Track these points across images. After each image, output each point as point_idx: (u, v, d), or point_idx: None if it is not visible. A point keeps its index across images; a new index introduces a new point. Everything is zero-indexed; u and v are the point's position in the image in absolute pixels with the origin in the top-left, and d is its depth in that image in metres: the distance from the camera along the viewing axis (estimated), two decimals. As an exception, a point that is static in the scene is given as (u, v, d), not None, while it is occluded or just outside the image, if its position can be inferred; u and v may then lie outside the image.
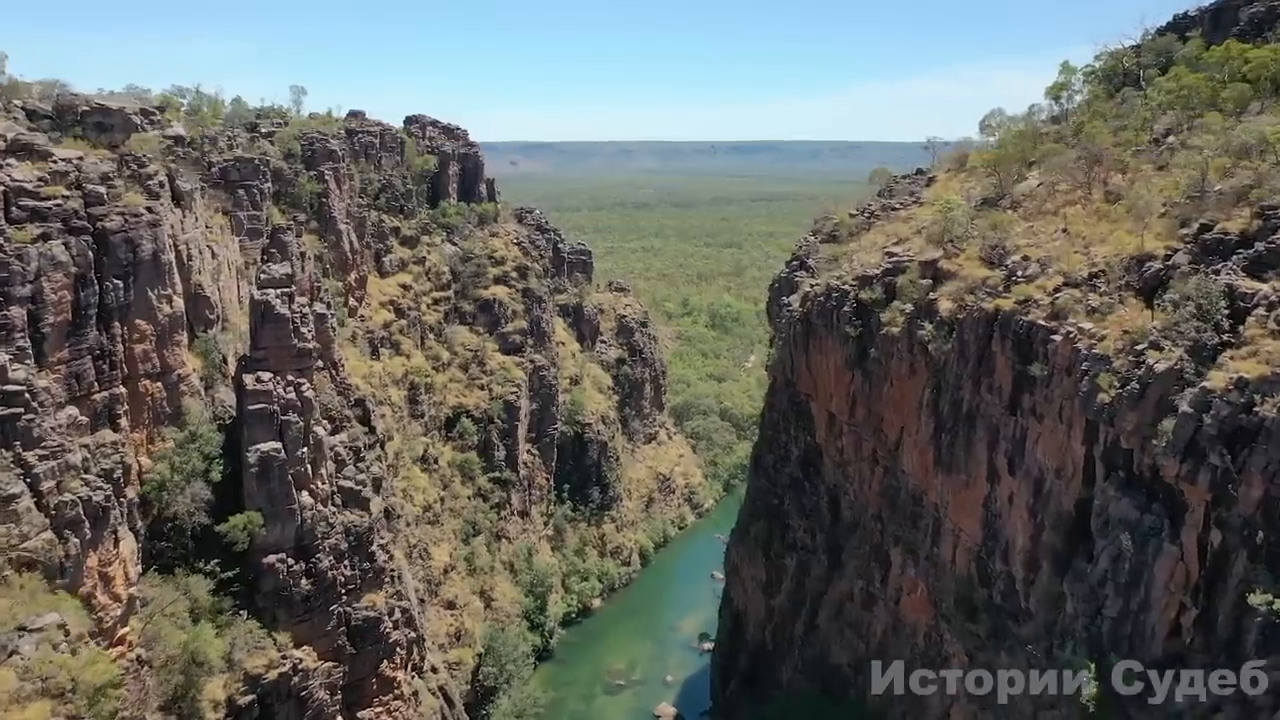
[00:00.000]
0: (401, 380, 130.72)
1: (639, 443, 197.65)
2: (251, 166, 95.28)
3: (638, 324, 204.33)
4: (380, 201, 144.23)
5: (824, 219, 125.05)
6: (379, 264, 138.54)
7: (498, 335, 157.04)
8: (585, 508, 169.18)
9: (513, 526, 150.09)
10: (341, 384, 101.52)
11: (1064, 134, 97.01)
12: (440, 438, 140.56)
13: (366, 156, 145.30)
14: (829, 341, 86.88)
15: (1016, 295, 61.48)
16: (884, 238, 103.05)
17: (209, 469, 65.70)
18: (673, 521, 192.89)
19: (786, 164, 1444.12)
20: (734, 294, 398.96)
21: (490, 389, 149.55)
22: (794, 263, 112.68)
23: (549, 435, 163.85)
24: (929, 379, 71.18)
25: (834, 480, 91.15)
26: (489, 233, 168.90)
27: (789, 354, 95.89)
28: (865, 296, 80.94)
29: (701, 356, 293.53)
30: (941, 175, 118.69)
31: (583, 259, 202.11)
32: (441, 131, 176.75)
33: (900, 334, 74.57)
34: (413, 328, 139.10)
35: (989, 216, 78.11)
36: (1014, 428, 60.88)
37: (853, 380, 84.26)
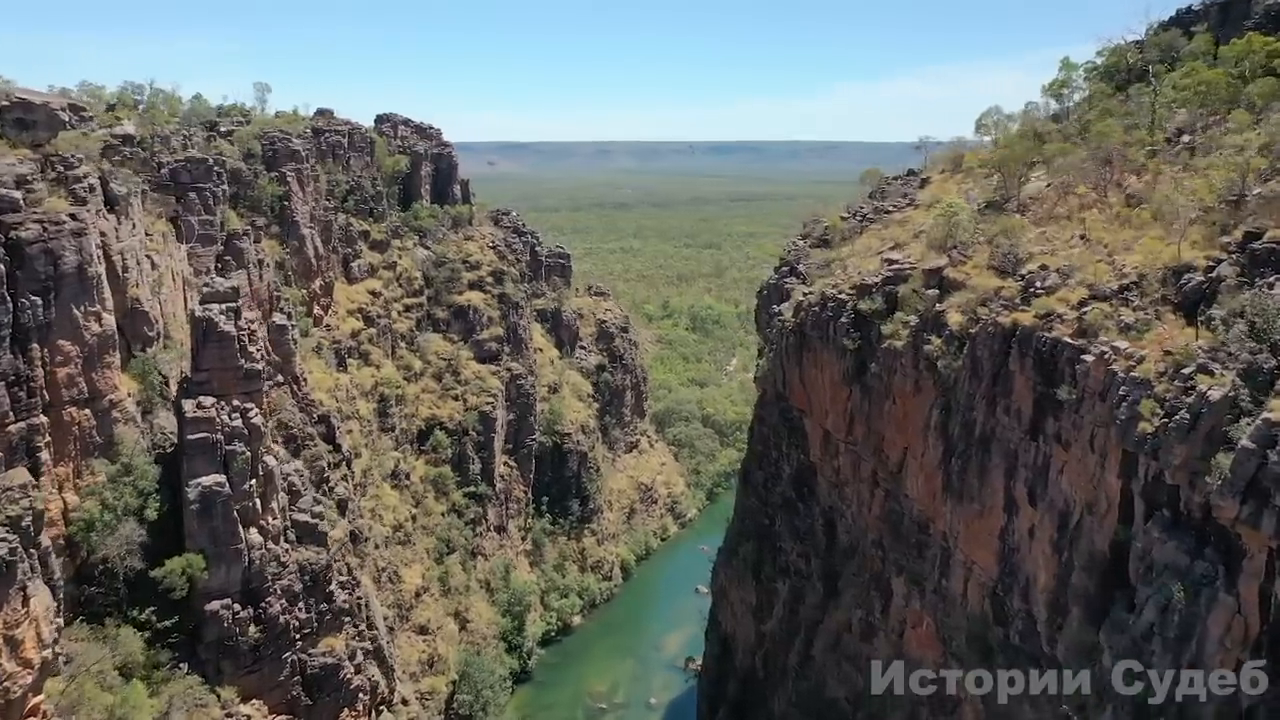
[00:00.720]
0: (371, 392, 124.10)
1: (620, 452, 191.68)
2: (204, 167, 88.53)
3: (618, 329, 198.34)
4: (348, 204, 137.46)
5: (813, 222, 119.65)
6: (347, 270, 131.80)
7: (473, 343, 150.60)
8: (565, 521, 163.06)
9: (489, 543, 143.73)
10: (304, 400, 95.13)
11: (1067, 133, 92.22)
12: (412, 452, 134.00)
13: (334, 157, 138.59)
14: (824, 354, 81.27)
15: (1037, 309, 55.94)
16: (878, 242, 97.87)
17: (144, 506, 59.01)
18: (655, 533, 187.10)
19: (765, 164, 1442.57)
20: (714, 295, 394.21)
21: (465, 399, 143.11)
22: (783, 268, 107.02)
23: (527, 446, 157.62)
24: (937, 398, 65.63)
25: (830, 502, 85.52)
26: (463, 236, 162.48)
27: (780, 366, 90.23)
28: (864, 307, 75.35)
29: (683, 360, 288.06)
30: (935, 176, 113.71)
31: (561, 262, 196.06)
32: (414, 131, 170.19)
33: (904, 348, 69.01)
34: (383, 336, 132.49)
35: (997, 221, 72.77)
36: (1035, 455, 55.36)
37: (850, 396, 78.69)
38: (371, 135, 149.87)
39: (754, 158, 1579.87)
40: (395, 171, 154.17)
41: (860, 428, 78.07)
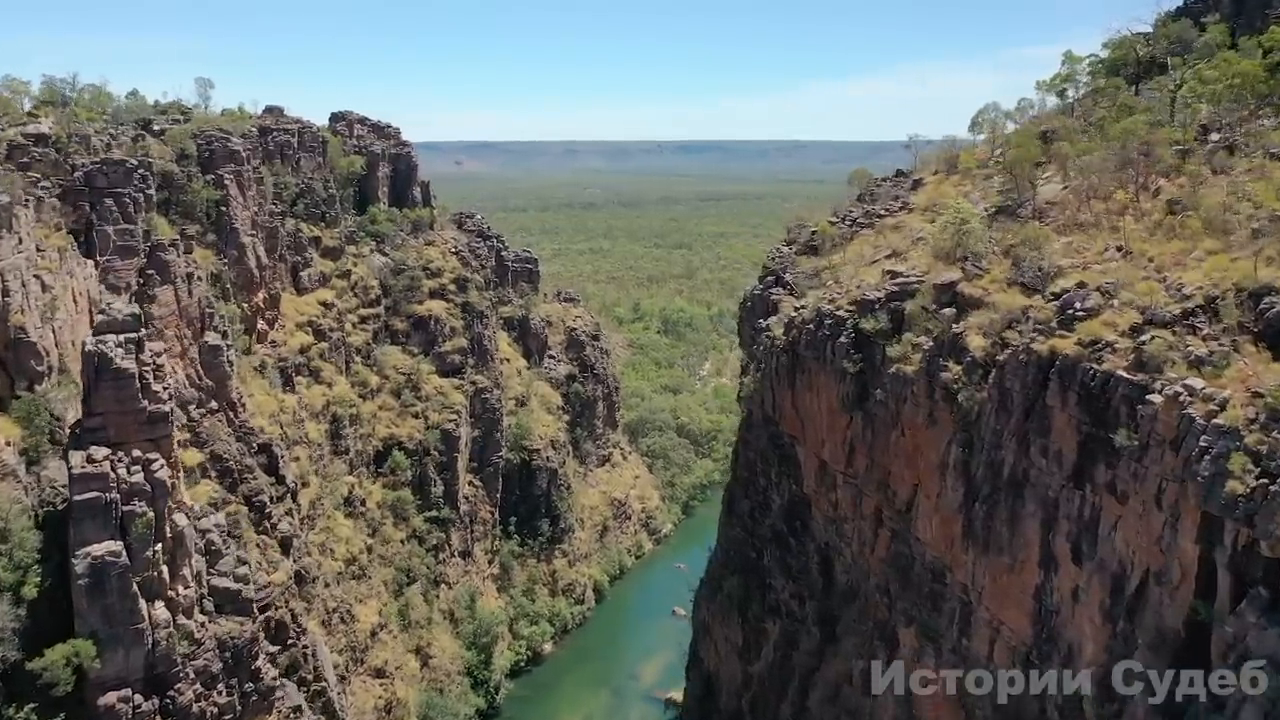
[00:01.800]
0: (322, 413, 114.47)
1: (592, 465, 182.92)
2: (123, 170, 78.75)
3: (589, 337, 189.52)
4: (298, 208, 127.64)
5: (798, 226, 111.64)
6: (296, 279, 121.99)
7: (434, 355, 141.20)
8: (534, 542, 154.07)
9: (453, 570, 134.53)
10: (241, 428, 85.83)
11: (1073, 130, 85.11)
12: (368, 475, 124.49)
13: (282, 158, 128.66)
14: (820, 377, 73.21)
15: (1081, 335, 48.10)
16: (871, 249, 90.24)
17: (21, 582, 49.49)
18: (629, 550, 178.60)
19: (733, 163, 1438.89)
20: (686, 297, 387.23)
21: (426, 417, 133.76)
22: (768, 277, 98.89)
23: (493, 464, 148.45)
24: (956, 432, 57.73)
25: (826, 538, 77.51)
26: (424, 241, 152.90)
27: (769, 388, 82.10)
28: (867, 326, 67.34)
29: (655, 366, 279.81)
30: (929, 178, 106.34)
31: (528, 267, 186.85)
32: (371, 130, 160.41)
33: (916, 374, 61.10)
34: (335, 351, 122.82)
35: (1014, 230, 65.11)
36: (1080, 505, 47.55)
37: (851, 424, 70.70)
38: (324, 134, 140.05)
39: (722, 157, 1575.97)
40: (350, 173, 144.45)
41: (862, 459, 70.11)
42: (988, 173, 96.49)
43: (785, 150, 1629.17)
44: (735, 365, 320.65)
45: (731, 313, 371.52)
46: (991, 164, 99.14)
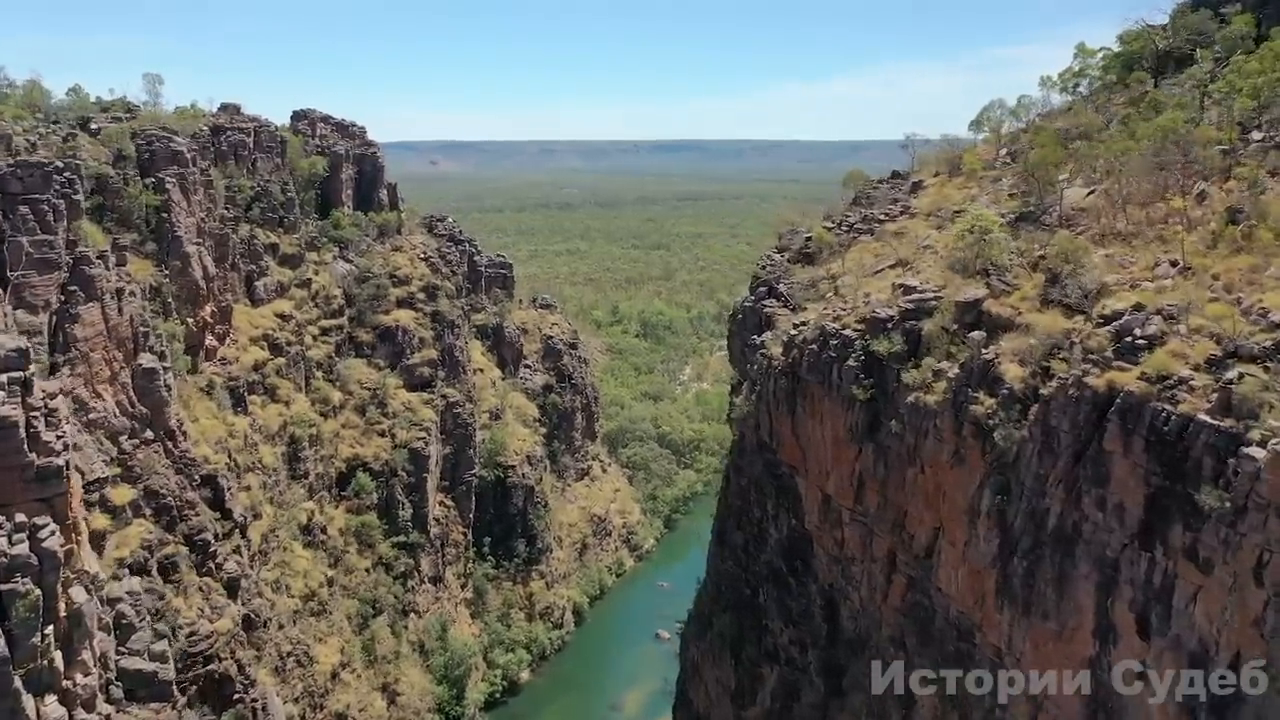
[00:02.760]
0: (278, 434, 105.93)
1: (570, 480, 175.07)
2: (41, 174, 70.07)
3: (566, 345, 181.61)
4: (253, 213, 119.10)
5: (790, 232, 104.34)
6: (250, 290, 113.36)
7: (402, 369, 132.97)
8: (509, 564, 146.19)
9: (423, 598, 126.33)
10: (181, 459, 77.41)
11: (1099, 128, 78.56)
12: (330, 499, 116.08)
13: (236, 159, 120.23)
14: (825, 403, 65.79)
15: (1147, 368, 40.90)
16: (872, 258, 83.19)
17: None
18: (609, 568, 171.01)
19: (709, 163, 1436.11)
20: (665, 299, 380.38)
21: (393, 435, 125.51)
22: (760, 288, 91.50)
23: (465, 483, 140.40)
24: (988, 474, 50.43)
25: (830, 579, 70.09)
26: (391, 246, 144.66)
27: (766, 413, 74.60)
28: (879, 349, 59.96)
29: (634, 372, 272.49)
30: (930, 180, 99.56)
31: (502, 273, 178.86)
32: (335, 129, 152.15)
33: (940, 406, 53.77)
34: (293, 367, 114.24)
35: (1048, 240, 58.02)
36: (1149, 569, 40.34)
37: (860, 456, 63.35)
38: (283, 134, 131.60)
39: (698, 156, 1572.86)
40: (312, 175, 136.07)
41: (873, 496, 62.76)
42: (995, 174, 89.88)
43: (761, 150, 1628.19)
44: (716, 369, 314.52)
45: (711, 315, 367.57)
46: (998, 165, 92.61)
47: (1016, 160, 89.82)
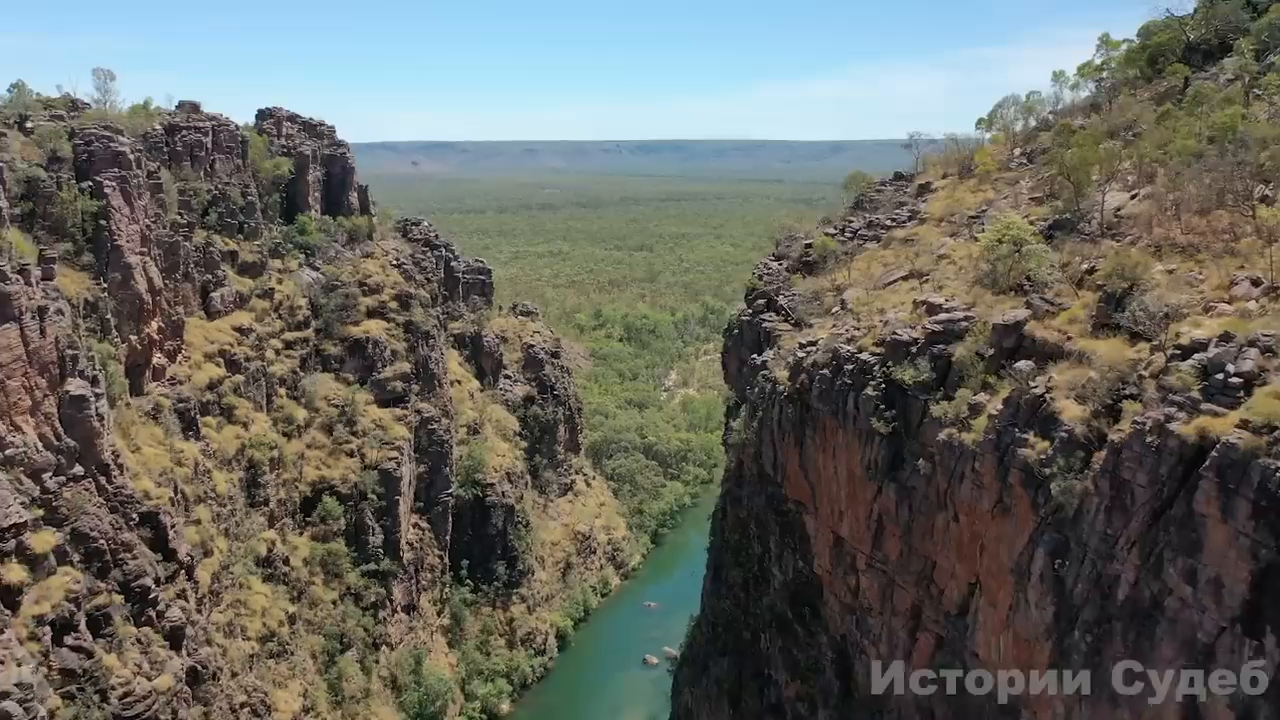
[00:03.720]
0: (235, 459, 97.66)
1: (553, 495, 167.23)
2: (-49, 178, 61.79)
3: (548, 355, 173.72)
4: (210, 218, 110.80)
5: (788, 238, 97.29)
6: (205, 302, 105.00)
7: (372, 383, 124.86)
8: (489, 588, 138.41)
9: (396, 628, 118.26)
10: (117, 496, 69.17)
11: (1117, 126, 71.83)
12: (294, 526, 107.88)
13: (193, 160, 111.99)
14: (839, 436, 58.43)
15: (1251, 414, 33.65)
16: (880, 268, 76.31)
17: None
18: (594, 588, 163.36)
19: (692, 163, 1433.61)
20: (649, 303, 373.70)
21: (362, 454, 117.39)
22: (758, 300, 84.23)
23: (441, 503, 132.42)
24: (1041, 529, 43.12)
25: (843, 631, 62.69)
26: (362, 253, 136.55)
27: (770, 442, 67.16)
28: (904, 377, 52.61)
29: (619, 378, 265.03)
30: (939, 182, 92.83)
31: (481, 279, 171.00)
32: (302, 128, 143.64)
33: (980, 446, 46.40)
34: (253, 384, 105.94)
35: (1093, 251, 50.92)
36: (1255, 661, 33.09)
37: (879, 497, 56.02)
38: (244, 134, 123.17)
39: (681, 156, 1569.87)
40: (276, 177, 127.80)
41: (894, 542, 55.45)
42: (1011, 175, 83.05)
43: (743, 150, 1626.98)
44: (703, 374, 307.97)
45: (696, 318, 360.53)
46: (1014, 165, 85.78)
47: (1033, 161, 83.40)
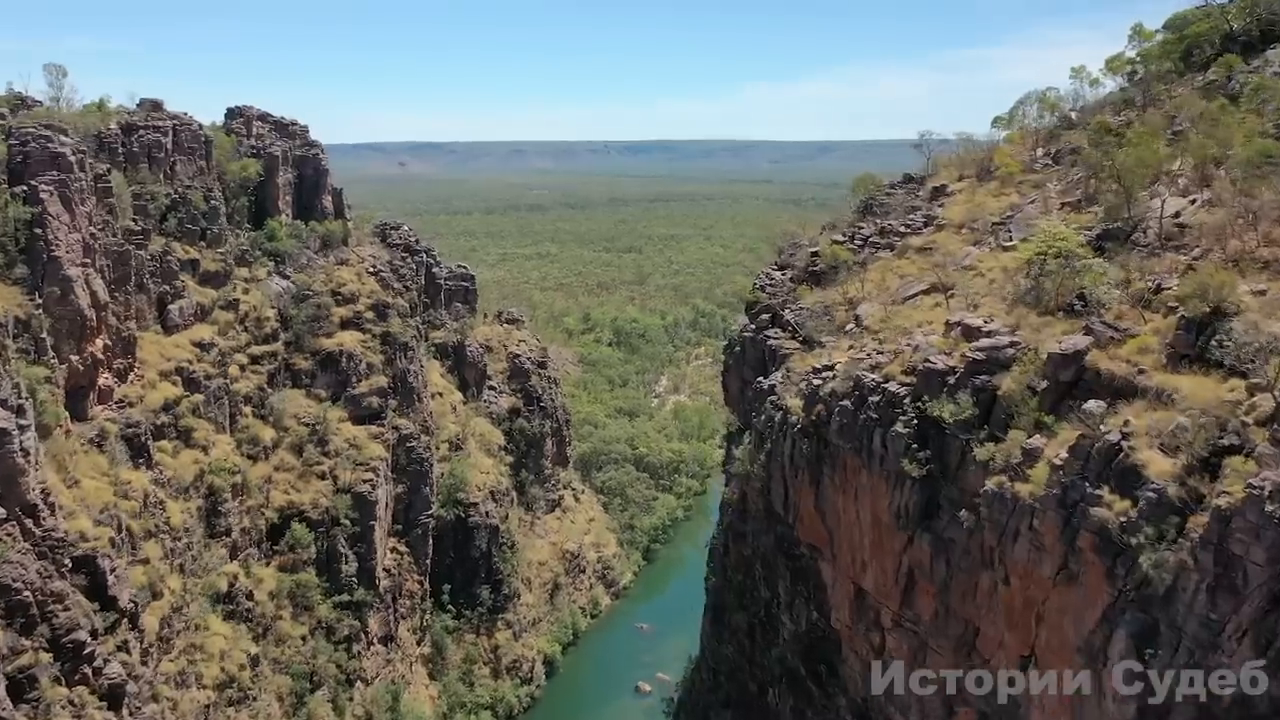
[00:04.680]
0: (193, 486, 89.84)
1: (540, 512, 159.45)
2: None
3: (534, 365, 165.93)
4: (169, 224, 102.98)
5: (791, 246, 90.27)
6: (162, 316, 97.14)
7: (346, 399, 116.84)
8: (472, 613, 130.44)
9: (371, 662, 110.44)
10: (46, 540, 61.58)
11: (1157, 124, 65.32)
12: (259, 557, 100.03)
13: (151, 161, 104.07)
14: (863, 476, 51.25)
15: None
16: (897, 280, 69.58)
17: None
18: (584, 609, 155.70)
19: (680, 163, 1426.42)
20: (638, 305, 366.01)
21: (335, 477, 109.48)
22: (762, 314, 77.05)
23: (421, 525, 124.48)
24: (1120, 605, 35.98)
25: (864, 694, 55.49)
26: (336, 260, 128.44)
27: (780, 478, 59.92)
28: (940, 413, 45.44)
29: (608, 385, 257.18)
30: (954, 185, 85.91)
31: (464, 285, 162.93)
32: (273, 127, 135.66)
33: (1041, 501, 39.25)
34: (214, 403, 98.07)
35: (1195, 274, 43.78)
36: None
37: (910, 547, 48.89)
38: (208, 133, 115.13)
39: (669, 157, 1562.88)
40: (244, 179, 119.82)
41: (927, 600, 48.29)
42: (1036, 178, 76.34)
43: (732, 150, 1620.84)
44: (694, 380, 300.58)
45: (686, 321, 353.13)
46: (1038, 166, 79.06)
47: (1059, 161, 76.76)
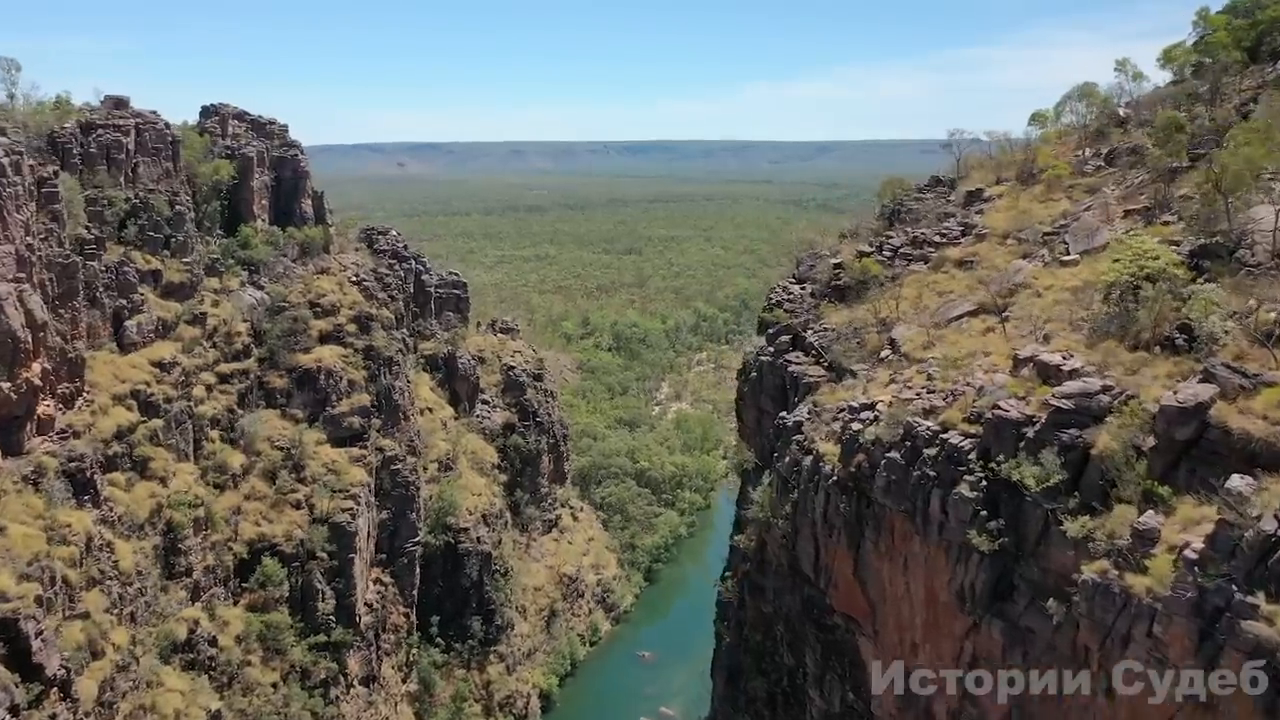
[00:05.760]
0: (149, 523, 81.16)
1: (536, 533, 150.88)
2: None
3: (530, 377, 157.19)
4: (128, 232, 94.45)
5: (810, 257, 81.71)
6: (118, 333, 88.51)
7: (325, 420, 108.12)
8: (462, 646, 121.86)
9: (351, 706, 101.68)
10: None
11: (1220, 119, 57.27)
12: (225, 596, 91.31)
13: (110, 163, 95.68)
14: (915, 544, 42.52)
15: None
16: (936, 297, 60.95)
17: None
18: (582, 636, 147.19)
19: (680, 163, 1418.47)
20: (638, 308, 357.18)
21: (311, 505, 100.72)
22: (781, 336, 68.32)
23: (407, 554, 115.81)
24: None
25: (914, 796, 46.84)
26: (315, 268, 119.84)
27: (810, 535, 51.11)
28: (1024, 479, 36.67)
29: (607, 393, 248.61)
30: (992, 189, 77.34)
31: (456, 293, 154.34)
32: (250, 127, 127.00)
33: (1167, 602, 30.51)
34: (175, 429, 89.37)
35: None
36: None
37: (975, 633, 40.17)
38: (175, 133, 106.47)
39: (669, 157, 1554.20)
40: (215, 182, 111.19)
41: (999, 705, 39.50)
42: (1090, 182, 67.75)
43: (731, 150, 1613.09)
44: (696, 386, 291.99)
45: (688, 325, 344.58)
46: (1090, 169, 70.46)
47: (1114, 163, 68.14)
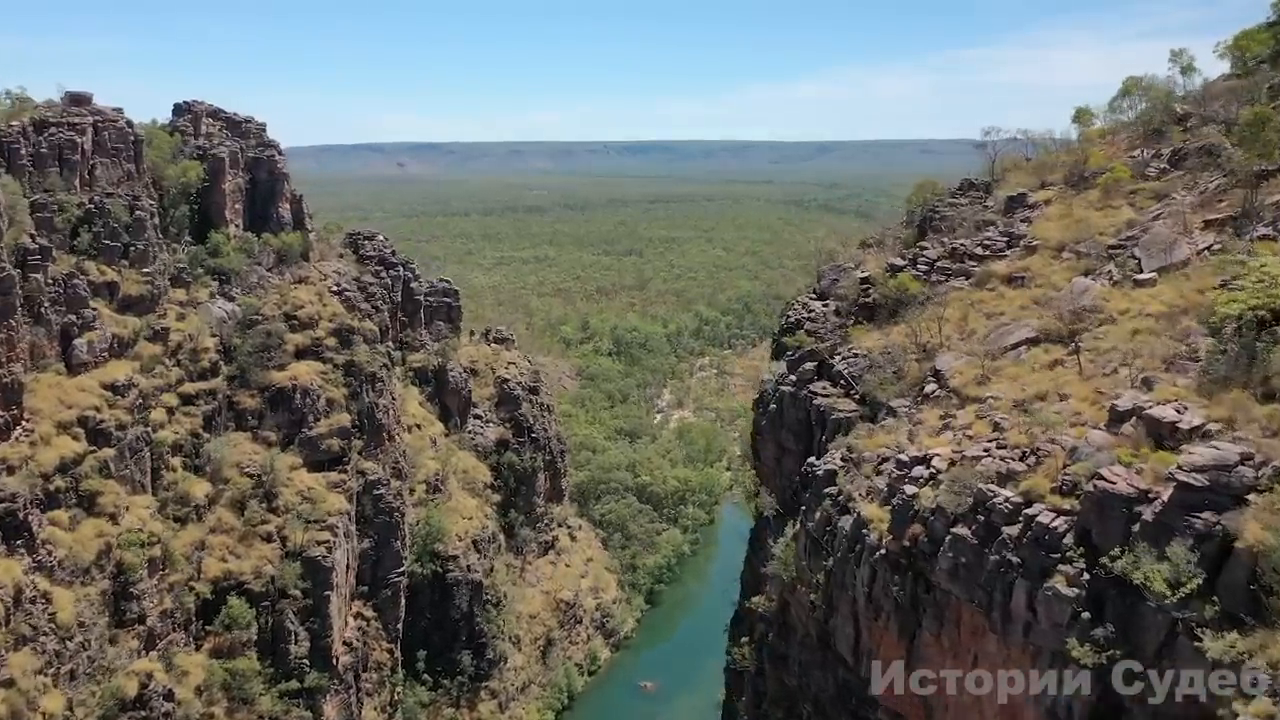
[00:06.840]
0: (96, 566, 72.77)
1: (531, 556, 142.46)
2: None
3: (525, 390, 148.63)
4: (81, 240, 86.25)
5: (833, 269, 73.34)
6: (66, 354, 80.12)
7: (301, 442, 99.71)
8: (451, 683, 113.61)
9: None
10: None
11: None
12: (184, 642, 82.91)
13: (62, 165, 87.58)
14: (989, 641, 34.11)
15: None
16: (985, 320, 52.99)
17: None
18: (580, 665, 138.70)
19: (680, 163, 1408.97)
20: (638, 312, 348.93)
21: (283, 538, 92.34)
22: (805, 362, 59.94)
23: (391, 585, 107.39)
24: None
25: None
26: (293, 278, 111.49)
27: (850, 614, 42.69)
28: (1145, 578, 28.29)
29: (607, 402, 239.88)
30: (1037, 194, 68.95)
31: (447, 301, 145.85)
32: (225, 125, 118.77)
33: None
34: (130, 458, 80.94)
35: None
36: None
37: (1068, 761, 31.89)
38: (136, 132, 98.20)
39: (669, 157, 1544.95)
40: (184, 185, 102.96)
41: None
42: (1155, 187, 59.49)
43: (732, 150, 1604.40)
44: (698, 394, 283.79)
45: (689, 330, 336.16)
46: (1153, 173, 62.21)
47: (1181, 165, 59.93)
